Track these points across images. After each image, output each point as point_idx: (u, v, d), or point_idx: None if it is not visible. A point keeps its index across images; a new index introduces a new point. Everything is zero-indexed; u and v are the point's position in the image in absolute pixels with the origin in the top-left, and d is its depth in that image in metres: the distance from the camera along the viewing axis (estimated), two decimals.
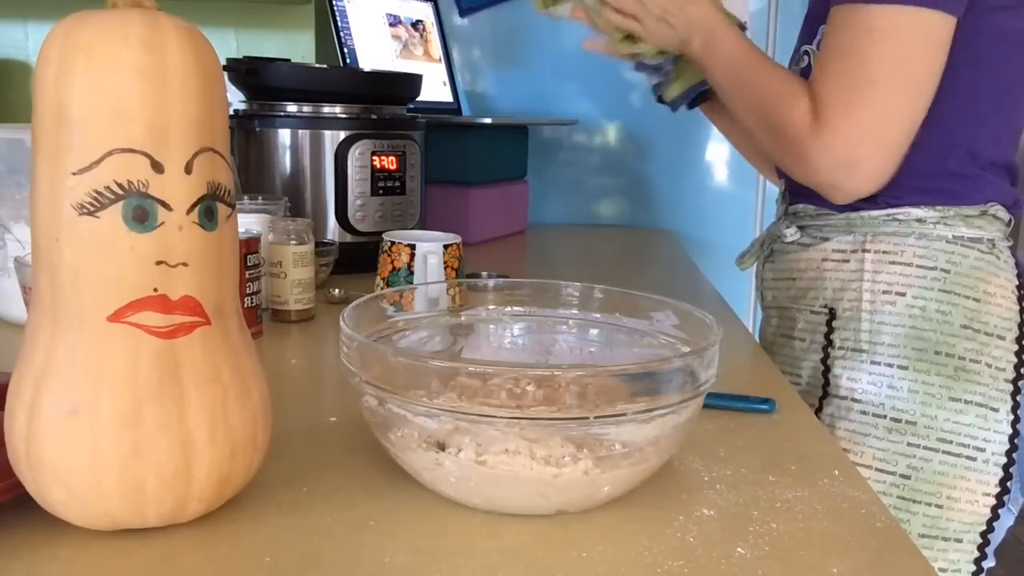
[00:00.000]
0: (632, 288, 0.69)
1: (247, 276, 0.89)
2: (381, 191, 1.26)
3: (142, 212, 0.45)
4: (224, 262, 0.50)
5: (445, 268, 1.01)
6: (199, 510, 0.50)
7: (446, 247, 1.01)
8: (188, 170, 0.47)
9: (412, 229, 1.28)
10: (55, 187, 0.45)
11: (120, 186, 0.45)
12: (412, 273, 1.00)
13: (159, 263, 0.46)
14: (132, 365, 0.46)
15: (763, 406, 0.73)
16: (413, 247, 1.00)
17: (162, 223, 0.46)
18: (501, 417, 0.50)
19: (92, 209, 0.45)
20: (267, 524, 0.52)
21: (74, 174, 0.45)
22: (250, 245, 0.90)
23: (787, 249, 1.00)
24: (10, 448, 0.48)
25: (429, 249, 1.00)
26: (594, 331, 0.70)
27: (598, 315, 0.70)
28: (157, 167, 0.46)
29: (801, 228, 0.98)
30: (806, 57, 0.95)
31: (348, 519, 0.53)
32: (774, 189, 2.05)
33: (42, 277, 0.47)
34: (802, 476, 0.60)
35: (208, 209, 0.48)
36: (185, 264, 0.47)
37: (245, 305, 0.88)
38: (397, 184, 1.28)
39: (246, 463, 0.51)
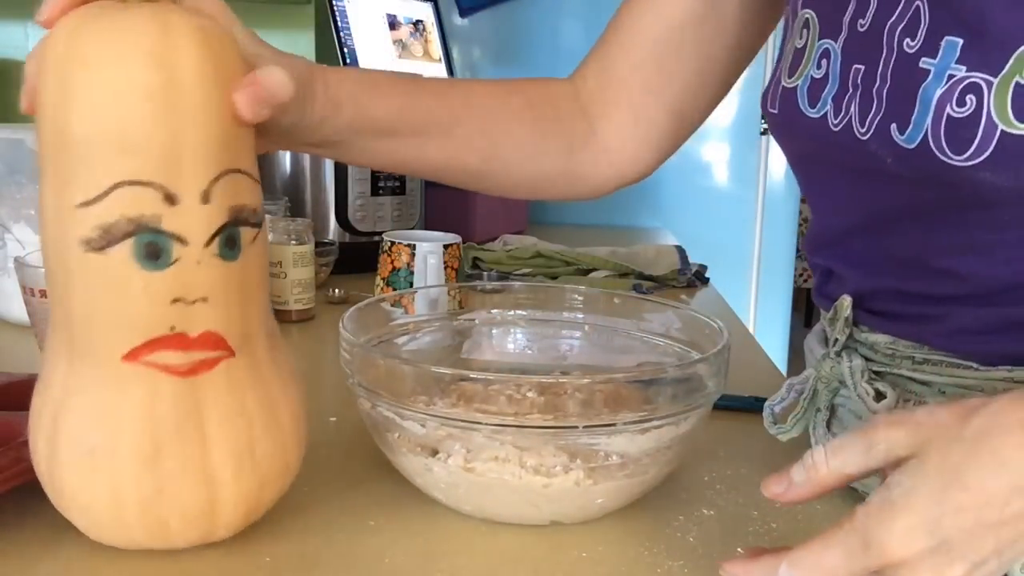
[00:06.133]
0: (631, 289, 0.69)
1: None
2: (381, 191, 1.26)
3: (155, 249, 0.41)
4: (249, 289, 0.46)
5: (445, 268, 1.01)
6: (227, 535, 0.48)
7: (446, 247, 1.02)
8: (206, 199, 0.42)
9: (412, 229, 1.28)
10: (61, 217, 0.41)
11: (130, 221, 0.40)
12: (412, 273, 1.00)
13: (176, 301, 0.42)
14: (150, 406, 0.43)
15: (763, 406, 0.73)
16: (413, 247, 1.00)
17: (177, 259, 0.42)
18: (487, 424, 0.50)
19: (100, 245, 0.40)
20: (267, 524, 0.51)
21: (79, 207, 0.40)
22: None
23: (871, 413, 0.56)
24: (35, 467, 0.46)
25: (429, 249, 1.00)
26: (596, 335, 0.70)
27: (600, 319, 0.70)
28: (170, 199, 0.41)
29: (878, 375, 0.55)
30: (977, 93, 0.44)
31: (348, 519, 0.53)
32: (775, 188, 2.06)
33: (56, 307, 0.44)
34: None
35: (230, 238, 0.43)
36: (204, 300, 0.43)
37: None
38: (397, 184, 1.28)
39: (276, 492, 0.49)
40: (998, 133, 0.43)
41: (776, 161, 2.00)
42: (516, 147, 0.67)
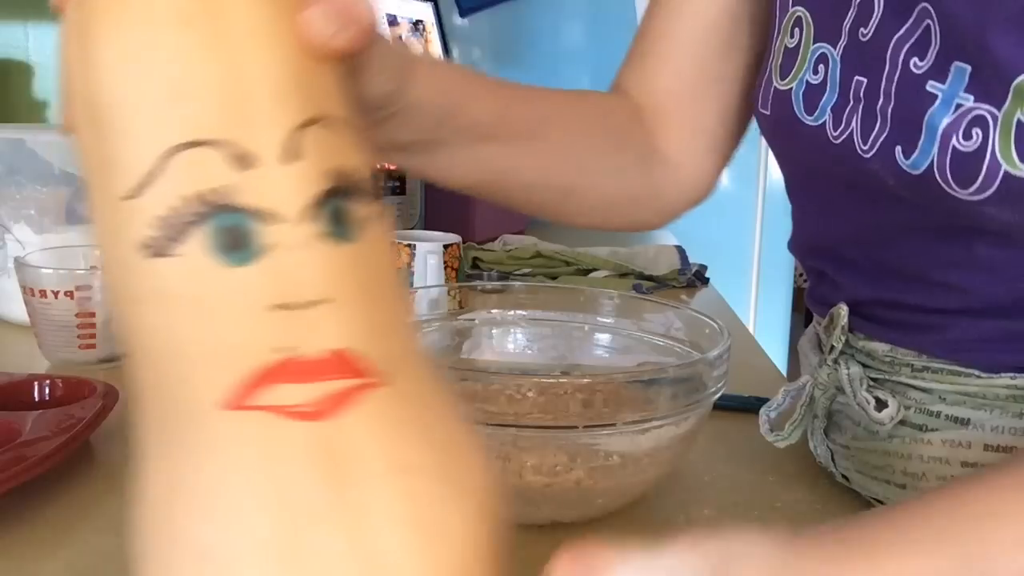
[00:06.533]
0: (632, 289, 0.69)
1: None
2: (381, 191, 1.26)
3: (235, 235, 0.29)
4: (381, 287, 0.32)
5: (445, 268, 1.01)
6: None
7: (446, 247, 1.02)
8: (290, 156, 0.30)
9: (412, 229, 1.28)
10: (110, 224, 0.30)
11: (195, 201, 0.29)
12: (412, 273, 1.00)
13: (278, 308, 0.29)
14: (273, 471, 0.29)
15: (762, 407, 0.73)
16: (413, 247, 1.01)
17: (269, 245, 0.29)
18: (487, 424, 0.50)
19: (164, 246, 0.29)
20: None
21: (124, 199, 0.29)
22: None
23: (874, 425, 0.54)
24: None
25: (429, 249, 1.00)
26: (597, 336, 0.70)
27: (601, 319, 0.70)
28: (242, 160, 0.29)
29: (876, 382, 0.54)
30: (983, 127, 0.42)
31: None
32: (774, 188, 2.06)
33: (131, 360, 0.32)
34: (802, 476, 0.60)
35: (336, 213, 0.31)
36: (320, 302, 0.30)
37: None
38: (397, 184, 1.28)
39: None
40: (1001, 173, 0.41)
41: (776, 163, 2.01)
42: (600, 159, 0.61)
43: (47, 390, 0.64)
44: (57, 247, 0.84)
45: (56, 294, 0.76)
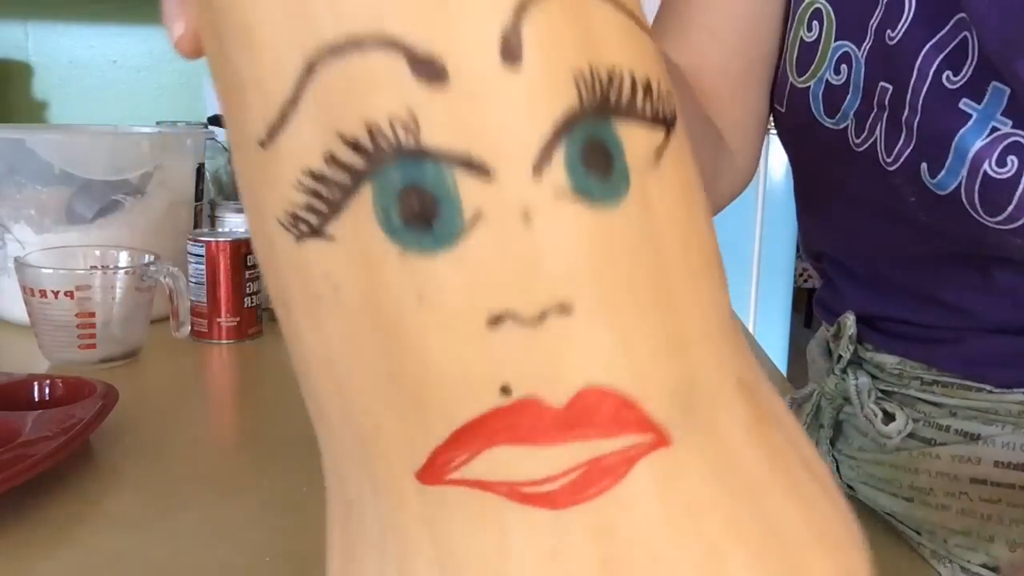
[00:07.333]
0: None
1: (247, 276, 0.89)
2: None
3: (421, 201, 0.17)
4: (675, 275, 0.19)
5: None
6: None
7: None
8: (511, 55, 0.17)
9: None
10: (246, 179, 0.20)
11: (352, 145, 0.17)
12: None
13: (498, 321, 0.18)
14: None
15: None
16: None
17: (481, 215, 0.17)
18: None
19: (311, 222, 0.18)
20: (267, 524, 0.52)
21: (257, 144, 0.19)
22: (250, 245, 0.90)
23: (881, 437, 0.52)
24: None
25: None
26: None
27: None
28: (429, 70, 0.17)
29: (885, 393, 0.52)
30: (1019, 154, 0.40)
31: None
32: (774, 188, 2.06)
33: (300, 378, 0.23)
34: None
35: (592, 148, 0.18)
36: (566, 309, 0.18)
37: (245, 305, 0.88)
38: None
39: None
40: None
41: (776, 161, 2.01)
42: (703, 122, 0.52)
43: (47, 390, 0.64)
44: (57, 247, 0.84)
45: (56, 294, 0.76)
